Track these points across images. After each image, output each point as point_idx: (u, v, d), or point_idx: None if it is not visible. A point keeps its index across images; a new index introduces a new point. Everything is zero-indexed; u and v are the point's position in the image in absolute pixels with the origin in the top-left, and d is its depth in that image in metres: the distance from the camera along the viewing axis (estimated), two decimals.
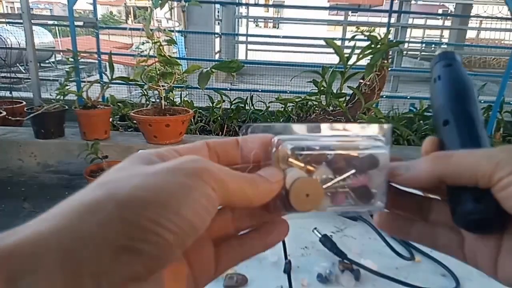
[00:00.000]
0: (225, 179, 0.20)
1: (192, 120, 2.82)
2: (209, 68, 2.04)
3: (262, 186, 0.21)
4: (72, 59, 2.61)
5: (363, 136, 0.25)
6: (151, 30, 2.08)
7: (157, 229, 0.16)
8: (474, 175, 0.21)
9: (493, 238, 0.22)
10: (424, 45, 7.80)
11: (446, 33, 8.14)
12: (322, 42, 1.97)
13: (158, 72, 2.25)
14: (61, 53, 6.69)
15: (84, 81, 2.59)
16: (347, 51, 1.89)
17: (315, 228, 0.66)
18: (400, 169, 0.24)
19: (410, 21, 6.49)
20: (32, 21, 2.62)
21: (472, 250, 0.23)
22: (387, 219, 0.26)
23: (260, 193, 0.21)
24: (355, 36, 2.07)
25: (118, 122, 2.85)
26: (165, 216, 0.17)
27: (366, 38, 1.92)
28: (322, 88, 1.98)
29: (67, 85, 2.47)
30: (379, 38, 1.81)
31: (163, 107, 2.32)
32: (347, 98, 2.01)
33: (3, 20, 4.40)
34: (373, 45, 1.80)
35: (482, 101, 3.21)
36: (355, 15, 13.05)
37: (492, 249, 0.22)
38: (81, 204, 0.17)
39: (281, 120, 2.78)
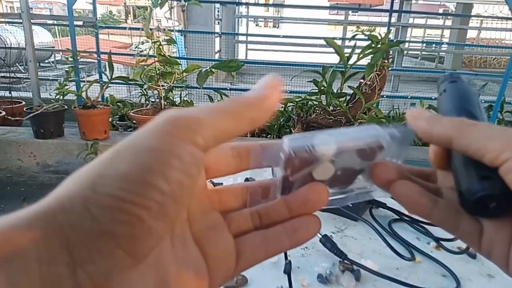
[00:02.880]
0: (207, 121, 0.18)
1: None
2: (208, 68, 2.03)
3: (262, 95, 0.20)
4: (72, 59, 2.60)
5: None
6: (151, 29, 2.08)
7: (127, 207, 0.15)
8: (483, 147, 0.20)
9: (508, 228, 0.21)
10: (424, 44, 7.79)
11: (446, 32, 8.15)
12: (323, 42, 1.96)
13: (157, 72, 2.24)
14: (61, 52, 6.70)
15: (83, 81, 2.59)
16: (348, 50, 1.89)
17: None
18: (422, 113, 0.23)
19: (410, 20, 6.49)
20: (31, 20, 2.62)
21: (489, 241, 0.22)
22: (409, 190, 0.23)
23: (261, 101, 0.20)
24: (355, 35, 2.07)
25: (118, 122, 2.85)
26: (136, 191, 0.15)
27: (366, 37, 1.91)
28: (322, 88, 1.97)
29: (67, 85, 2.47)
30: (379, 37, 1.81)
31: (162, 107, 2.32)
32: (348, 98, 2.01)
33: (3, 19, 4.40)
34: (373, 45, 1.80)
35: (483, 101, 3.20)
36: (355, 15, 13.06)
37: (506, 241, 0.21)
38: (65, 188, 0.16)
39: (281, 120, 2.78)
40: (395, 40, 3.81)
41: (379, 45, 1.78)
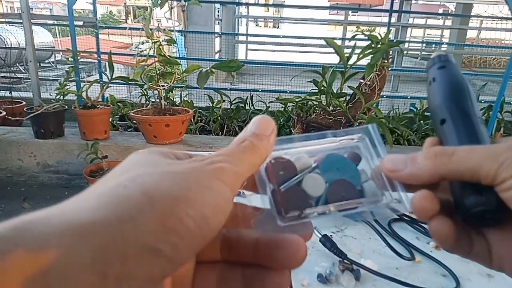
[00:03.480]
0: (240, 172, 0.20)
1: (192, 120, 2.81)
2: (209, 68, 2.03)
3: (264, 146, 0.22)
4: (72, 59, 2.60)
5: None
6: (151, 29, 2.08)
7: (180, 229, 0.16)
8: (476, 174, 0.20)
9: None
10: (424, 44, 7.79)
11: (446, 32, 8.14)
12: (322, 42, 1.96)
13: (157, 72, 2.24)
14: (61, 52, 6.69)
15: (83, 81, 2.59)
16: (348, 50, 1.89)
17: (315, 228, 0.65)
18: (397, 164, 0.23)
19: (410, 20, 6.48)
20: (31, 20, 2.62)
21: (498, 257, 0.22)
22: (445, 226, 0.22)
23: (264, 153, 0.22)
24: (355, 35, 2.07)
25: (118, 122, 2.85)
26: (190, 215, 0.17)
27: (366, 37, 1.91)
28: (322, 88, 1.97)
29: (67, 85, 2.47)
30: (379, 37, 1.81)
31: (163, 107, 2.32)
32: (348, 98, 2.01)
33: (3, 20, 4.39)
34: (373, 45, 1.80)
35: (482, 101, 3.20)
36: (355, 15, 13.06)
37: None
38: (115, 196, 0.16)
39: (281, 120, 2.78)
40: (395, 40, 3.81)
41: (379, 45, 1.78)
